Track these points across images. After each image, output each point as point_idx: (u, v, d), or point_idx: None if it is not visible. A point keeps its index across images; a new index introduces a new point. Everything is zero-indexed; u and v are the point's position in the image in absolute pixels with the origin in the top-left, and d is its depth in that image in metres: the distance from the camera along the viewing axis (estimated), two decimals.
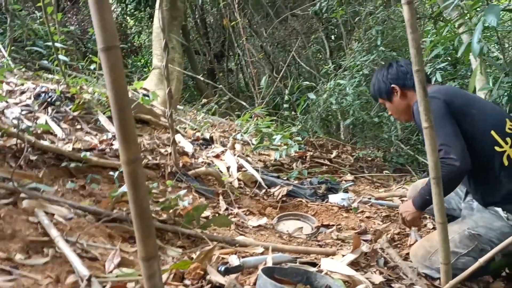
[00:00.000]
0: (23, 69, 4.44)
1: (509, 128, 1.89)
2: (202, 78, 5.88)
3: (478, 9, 2.52)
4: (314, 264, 1.62)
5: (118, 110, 0.89)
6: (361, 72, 5.24)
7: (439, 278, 1.67)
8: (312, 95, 4.71)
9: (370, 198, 2.96)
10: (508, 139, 1.85)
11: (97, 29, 0.89)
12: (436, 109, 1.83)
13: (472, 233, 1.83)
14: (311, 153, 3.95)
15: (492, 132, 1.84)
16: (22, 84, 3.31)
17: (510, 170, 1.82)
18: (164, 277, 1.34)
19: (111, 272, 1.33)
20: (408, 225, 2.09)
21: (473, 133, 1.82)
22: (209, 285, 1.30)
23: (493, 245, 1.77)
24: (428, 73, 4.37)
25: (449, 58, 4.72)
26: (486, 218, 1.86)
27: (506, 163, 1.82)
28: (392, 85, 2.10)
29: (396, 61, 2.19)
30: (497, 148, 1.82)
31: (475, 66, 2.54)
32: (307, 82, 5.38)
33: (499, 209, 1.84)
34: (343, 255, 1.71)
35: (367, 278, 1.52)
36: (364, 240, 2.10)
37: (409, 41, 1.42)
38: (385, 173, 4.11)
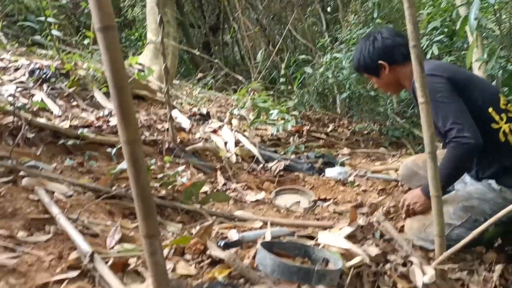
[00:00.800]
0: (16, 45, 4.38)
1: (503, 104, 1.90)
2: (197, 53, 5.81)
3: None
4: (311, 238, 1.65)
5: (117, 90, 0.89)
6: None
7: (433, 250, 1.71)
8: (308, 69, 4.68)
9: (366, 172, 2.99)
10: (503, 115, 1.86)
11: (93, 9, 0.88)
12: (441, 88, 1.81)
13: (465, 205, 1.86)
14: (308, 127, 3.96)
15: (490, 109, 1.84)
16: (16, 61, 3.28)
17: (505, 146, 1.84)
18: (165, 252, 1.37)
19: (112, 248, 1.35)
20: (414, 215, 1.94)
21: (472, 110, 1.81)
22: (209, 260, 1.33)
23: (486, 215, 1.82)
24: (425, 46, 4.34)
25: (446, 30, 4.68)
26: (480, 190, 1.89)
27: (502, 139, 1.84)
28: (380, 62, 2.01)
29: (379, 32, 2.07)
30: (493, 125, 1.83)
31: (471, 40, 2.52)
32: (304, 56, 5.32)
33: (493, 181, 1.87)
34: (340, 229, 1.74)
35: (363, 251, 1.55)
36: (361, 213, 2.14)
37: (406, 16, 1.41)
38: (381, 149, 4.14)
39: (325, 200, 2.48)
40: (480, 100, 1.85)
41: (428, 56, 4.34)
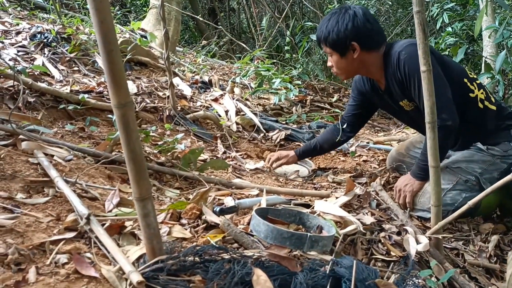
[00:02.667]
0: (18, 8, 4.33)
1: (469, 73, 1.97)
2: (201, 19, 5.72)
3: None
4: (308, 206, 1.67)
5: (107, 53, 0.88)
6: None
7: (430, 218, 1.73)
8: (314, 37, 4.58)
9: (368, 142, 2.98)
10: (474, 84, 1.93)
11: None
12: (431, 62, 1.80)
13: (453, 167, 1.93)
14: (312, 97, 3.92)
15: (465, 80, 1.90)
16: (17, 24, 3.24)
17: (486, 111, 1.92)
18: (162, 216, 1.39)
19: (110, 211, 1.38)
20: (409, 200, 1.92)
21: (451, 83, 1.83)
22: (205, 225, 1.35)
23: (476, 173, 1.89)
24: (435, 14, 4.23)
25: None
26: (466, 154, 1.96)
27: (481, 106, 1.91)
28: (353, 42, 1.86)
29: (359, 9, 1.87)
30: (471, 95, 1.89)
31: (482, 7, 2.45)
32: (310, 23, 5.21)
33: (478, 143, 1.95)
34: (337, 197, 1.75)
35: (358, 219, 1.57)
36: (359, 183, 2.15)
37: None
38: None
39: (324, 169, 2.49)
40: (455, 73, 1.90)
41: (438, 24, 4.23)
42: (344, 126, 2.29)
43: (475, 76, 1.99)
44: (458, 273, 1.46)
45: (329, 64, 2.03)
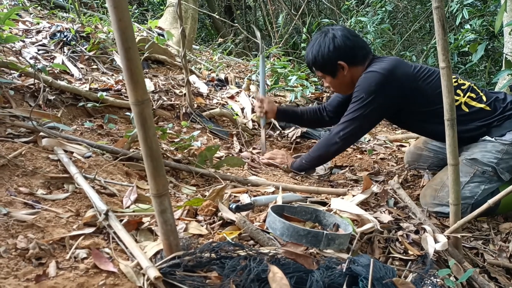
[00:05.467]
0: (39, 8, 4.41)
1: (454, 82, 1.97)
2: (217, 17, 5.73)
3: None
4: (324, 204, 1.66)
5: (125, 50, 0.89)
6: (384, 9, 5.00)
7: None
8: None
9: (385, 140, 2.95)
10: (459, 91, 1.95)
11: None
12: (374, 91, 1.91)
13: (468, 159, 1.92)
14: (328, 94, 3.89)
15: None
16: (38, 23, 3.31)
17: (473, 113, 1.95)
18: (178, 213, 1.40)
19: (128, 207, 1.39)
20: (268, 158, 2.26)
21: (431, 101, 1.91)
22: (220, 221, 1.36)
23: (493, 164, 1.88)
24: (454, 10, 4.15)
25: None
26: (479, 145, 1.95)
27: (466, 110, 1.94)
28: (339, 62, 2.01)
29: (337, 30, 2.04)
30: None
31: (503, 2, 2.39)
32: (327, 20, 5.17)
33: (485, 136, 1.95)
34: (354, 195, 1.74)
35: (375, 217, 1.55)
36: (376, 181, 2.13)
37: None
38: None
39: (341, 167, 2.47)
40: (432, 89, 1.93)
41: (458, 20, 4.16)
42: (329, 109, 2.44)
43: (460, 82, 2.01)
44: (477, 273, 1.44)
45: (325, 85, 2.19)
